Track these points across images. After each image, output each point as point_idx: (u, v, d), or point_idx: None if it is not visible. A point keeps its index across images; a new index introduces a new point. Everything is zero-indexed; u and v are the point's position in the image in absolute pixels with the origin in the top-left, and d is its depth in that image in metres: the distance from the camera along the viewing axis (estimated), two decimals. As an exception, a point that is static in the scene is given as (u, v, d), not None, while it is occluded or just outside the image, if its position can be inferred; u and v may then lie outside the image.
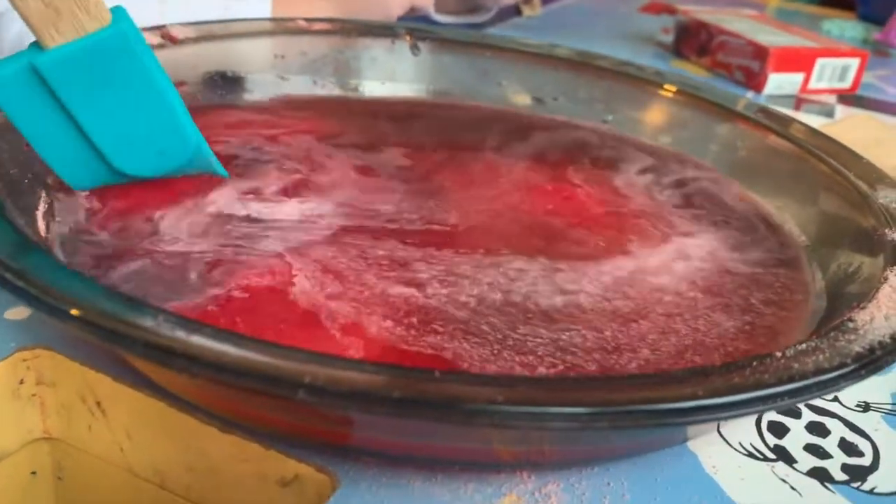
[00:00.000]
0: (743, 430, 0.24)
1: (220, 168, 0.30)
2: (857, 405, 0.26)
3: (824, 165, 0.33)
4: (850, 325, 0.20)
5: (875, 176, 0.32)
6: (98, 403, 0.23)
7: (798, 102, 0.64)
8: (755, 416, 0.24)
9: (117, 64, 0.25)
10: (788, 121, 0.38)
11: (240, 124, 0.37)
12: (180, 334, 0.16)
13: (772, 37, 0.66)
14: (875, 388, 0.27)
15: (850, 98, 0.66)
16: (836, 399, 0.26)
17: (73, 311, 0.17)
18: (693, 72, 0.68)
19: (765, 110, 0.39)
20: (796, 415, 0.25)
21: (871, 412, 0.26)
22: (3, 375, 0.23)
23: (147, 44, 0.26)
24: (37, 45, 0.24)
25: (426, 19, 0.75)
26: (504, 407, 0.15)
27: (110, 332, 0.16)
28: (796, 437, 0.24)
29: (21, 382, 0.24)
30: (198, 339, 0.16)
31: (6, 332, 0.24)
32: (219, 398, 0.20)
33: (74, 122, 0.25)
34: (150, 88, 0.26)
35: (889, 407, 0.26)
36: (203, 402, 0.21)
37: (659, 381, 0.17)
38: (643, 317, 0.25)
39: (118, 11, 0.25)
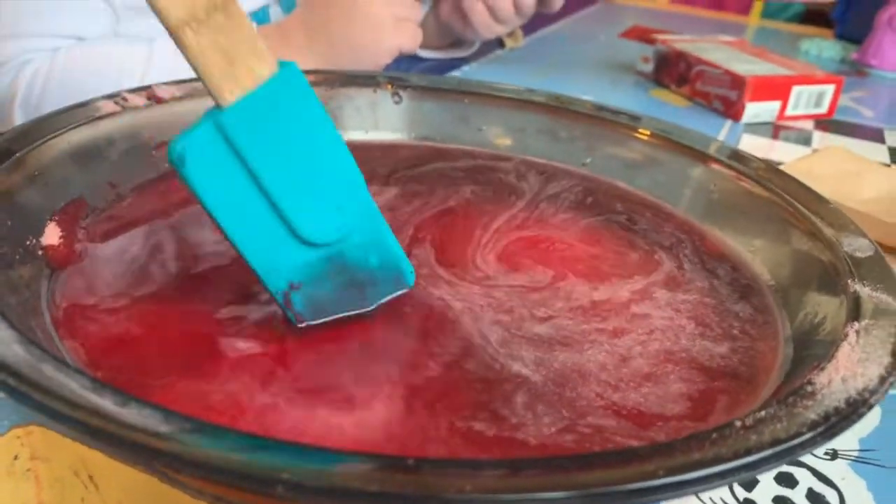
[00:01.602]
0: (713, 485, 0.25)
1: (406, 262, 0.28)
2: (826, 453, 0.27)
3: (793, 210, 0.34)
4: (809, 388, 0.21)
5: (841, 222, 0.33)
6: (90, 477, 0.24)
7: (776, 130, 0.65)
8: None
9: (296, 106, 0.23)
10: (759, 163, 0.39)
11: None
12: (164, 429, 0.17)
13: (749, 65, 0.68)
14: (843, 435, 0.28)
15: (826, 123, 0.68)
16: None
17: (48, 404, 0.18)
18: (673, 101, 0.69)
19: (736, 153, 0.40)
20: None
21: (838, 460, 0.27)
22: (-2, 453, 0.24)
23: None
24: (212, 109, 0.23)
25: (414, 57, 0.76)
26: (474, 495, 0.16)
27: (88, 430, 0.17)
28: (765, 490, 0.25)
29: (15, 458, 0.25)
30: (180, 436, 0.17)
31: (1, 410, 0.25)
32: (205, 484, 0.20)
33: (260, 187, 0.23)
34: (326, 130, 0.24)
35: (856, 454, 0.27)
36: (191, 483, 0.22)
37: (622, 459, 0.18)
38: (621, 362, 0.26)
39: (284, 64, 0.23)
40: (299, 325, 0.26)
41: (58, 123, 0.34)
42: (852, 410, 0.20)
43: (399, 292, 0.28)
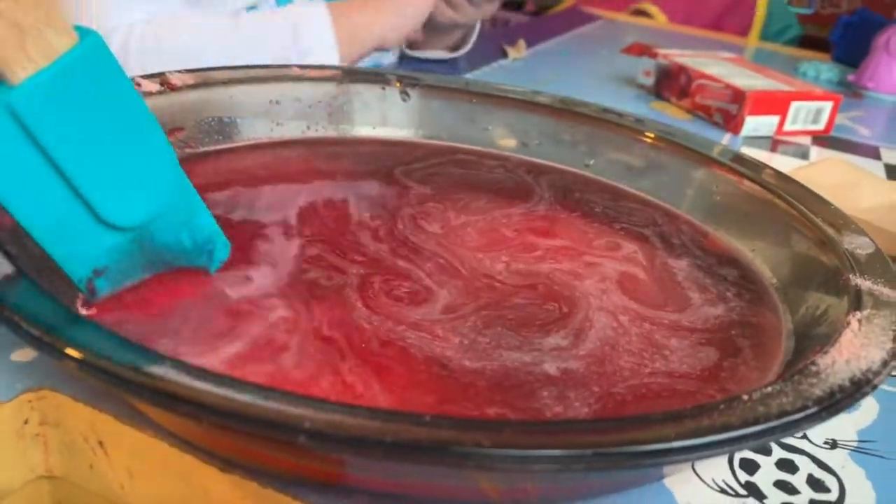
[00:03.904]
0: (716, 467, 0.25)
1: (219, 233, 0.27)
2: (825, 442, 0.27)
3: (794, 211, 0.35)
4: (813, 368, 0.22)
5: (841, 222, 0.33)
6: (100, 443, 0.24)
7: (774, 144, 0.66)
8: (727, 454, 0.25)
9: (99, 81, 0.21)
10: (761, 167, 0.39)
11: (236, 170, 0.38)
12: (184, 379, 0.18)
13: (749, 80, 0.69)
14: (842, 425, 0.28)
15: (824, 140, 0.69)
16: (805, 437, 0.27)
17: (74, 354, 0.18)
18: (673, 113, 0.70)
19: (739, 157, 0.41)
20: (767, 452, 0.26)
21: (838, 449, 0.27)
22: (8, 416, 0.24)
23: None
24: (2, 87, 0.20)
25: (405, 56, 0.77)
26: (490, 451, 0.16)
27: (112, 376, 0.17)
28: (767, 474, 0.25)
29: (25, 422, 0.25)
30: (201, 385, 0.17)
31: (13, 374, 0.25)
32: (219, 439, 0.21)
33: (57, 169, 0.21)
34: (132, 104, 0.23)
35: (855, 444, 0.27)
36: (203, 442, 0.22)
37: (636, 423, 0.18)
38: (629, 355, 0.26)
39: (79, 28, 0.21)
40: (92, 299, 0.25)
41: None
42: (856, 389, 0.21)
43: (216, 265, 0.27)
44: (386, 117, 0.46)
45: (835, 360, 0.22)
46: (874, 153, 0.67)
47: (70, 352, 0.18)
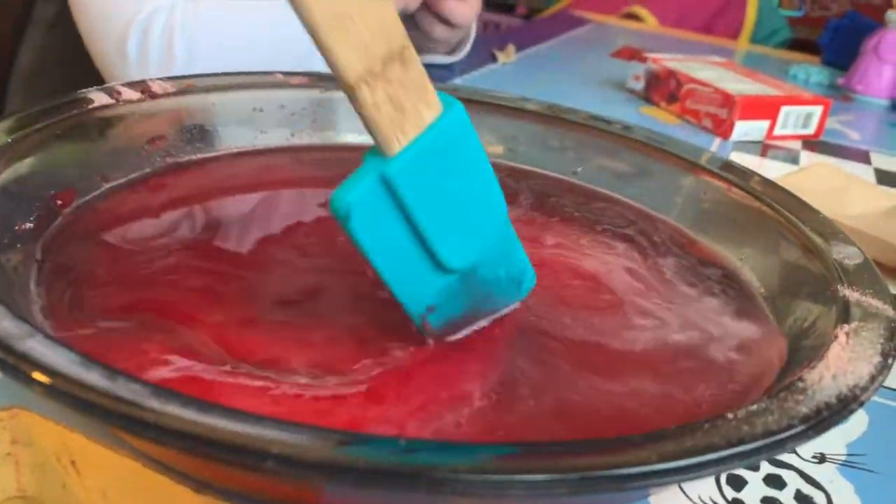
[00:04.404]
0: (702, 484, 0.25)
1: (525, 260, 0.28)
2: (814, 457, 0.27)
3: (783, 220, 0.35)
4: (800, 384, 0.21)
5: (830, 231, 0.33)
6: (73, 462, 0.24)
7: (764, 148, 0.66)
8: (712, 476, 0.25)
9: (455, 147, 0.23)
10: (749, 174, 0.39)
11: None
12: (152, 403, 0.17)
13: (738, 85, 0.68)
14: (830, 439, 0.28)
15: (814, 144, 0.69)
16: (793, 451, 0.27)
17: (39, 378, 0.18)
18: (663, 118, 0.70)
19: (727, 164, 0.40)
20: (754, 468, 0.26)
21: (826, 463, 0.27)
22: (-22, 436, 0.24)
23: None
24: (374, 154, 0.22)
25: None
26: (467, 476, 0.16)
27: (78, 401, 0.17)
28: (754, 490, 0.25)
29: (-4, 442, 0.24)
30: (168, 408, 0.17)
31: (-17, 393, 0.24)
32: (191, 460, 0.20)
33: (412, 226, 0.23)
34: (480, 163, 0.25)
35: (843, 458, 0.27)
36: (177, 463, 0.21)
37: (617, 445, 0.18)
38: (621, 369, 0.26)
39: (442, 96, 0.23)
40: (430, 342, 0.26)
41: (51, 113, 0.34)
42: (843, 406, 0.21)
43: (517, 301, 0.29)
44: (371, 124, 0.45)
45: (822, 375, 0.22)
46: (864, 157, 0.67)
47: (36, 377, 0.18)
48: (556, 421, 0.23)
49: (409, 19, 0.70)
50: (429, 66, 0.76)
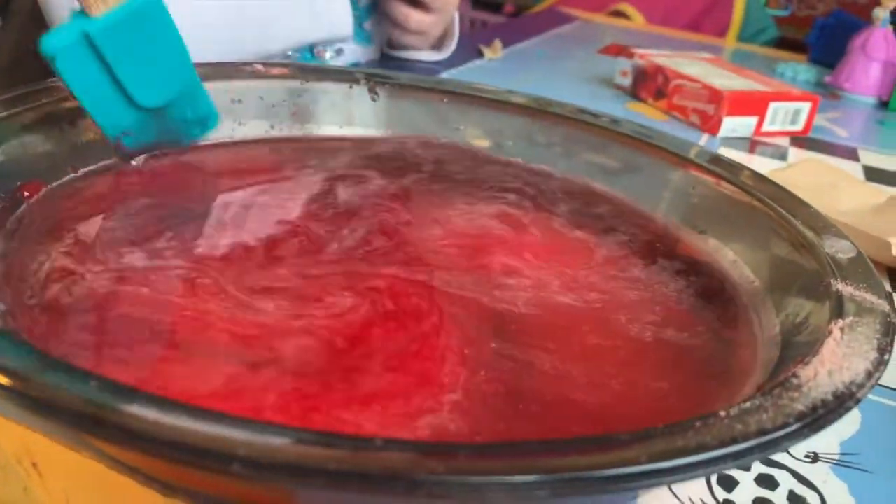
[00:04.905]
0: (692, 484, 0.24)
1: (211, 105, 0.37)
2: (806, 456, 0.26)
3: (774, 213, 0.34)
4: (794, 381, 0.21)
5: (822, 224, 0.32)
6: (34, 464, 0.23)
7: (752, 145, 0.65)
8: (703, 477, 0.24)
9: (150, 19, 0.32)
10: (739, 168, 0.38)
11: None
12: (114, 403, 0.16)
13: (726, 81, 0.68)
14: (823, 437, 0.27)
15: (802, 140, 0.68)
16: (786, 450, 0.26)
17: None
18: (650, 114, 0.69)
19: (716, 157, 0.39)
20: (746, 467, 0.25)
21: (819, 463, 0.26)
22: (-66, 437, 0.22)
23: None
24: (81, 15, 0.30)
25: (388, 56, 0.75)
26: (445, 478, 0.15)
27: (36, 402, 0.16)
28: (745, 491, 0.24)
29: (-46, 444, 0.23)
30: (130, 408, 0.16)
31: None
32: (156, 464, 0.19)
33: (109, 71, 0.31)
34: (170, 34, 0.33)
35: (837, 457, 0.26)
36: (142, 464, 0.20)
37: (602, 444, 0.17)
38: (600, 359, 0.25)
39: None
40: (130, 159, 0.35)
41: (21, 102, 0.32)
42: (839, 403, 0.20)
43: (206, 133, 0.38)
44: (353, 116, 0.44)
45: (817, 371, 0.21)
46: (852, 154, 0.67)
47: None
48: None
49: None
50: (415, 63, 0.75)
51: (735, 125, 0.65)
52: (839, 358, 0.22)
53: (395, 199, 0.36)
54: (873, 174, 0.61)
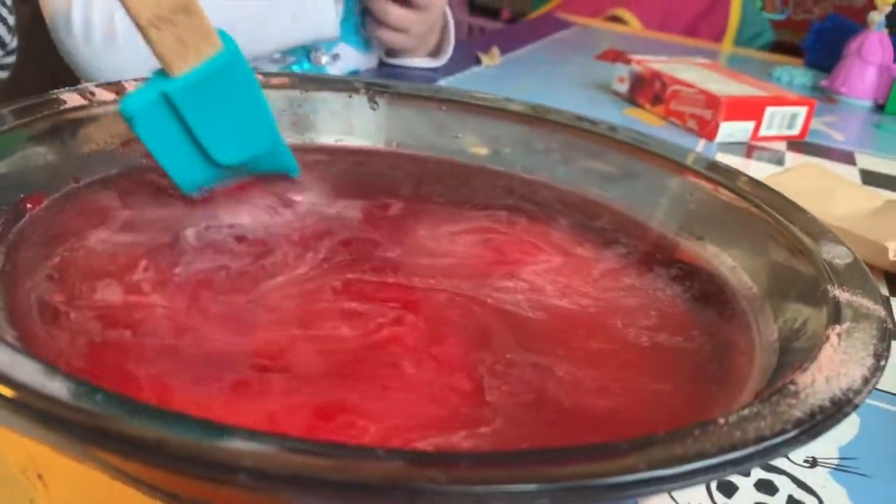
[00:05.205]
0: (692, 490, 0.24)
1: (292, 161, 0.36)
2: (805, 461, 0.26)
3: (771, 219, 0.34)
4: (792, 388, 0.21)
5: (818, 230, 0.33)
6: (40, 476, 0.23)
7: (749, 150, 0.65)
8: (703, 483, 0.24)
9: (230, 79, 0.31)
10: (736, 174, 0.38)
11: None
12: (119, 414, 0.16)
13: (723, 86, 0.68)
14: (822, 443, 0.27)
15: (799, 145, 0.68)
16: (785, 456, 0.26)
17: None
18: (647, 120, 0.70)
19: (713, 164, 0.40)
20: (745, 473, 0.25)
21: (818, 468, 0.26)
22: (-60, 449, 0.23)
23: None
24: (161, 73, 0.29)
25: (386, 65, 0.76)
26: (446, 487, 0.15)
27: (42, 414, 0.16)
28: (745, 496, 0.24)
29: (-41, 456, 0.23)
30: (135, 420, 0.16)
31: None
32: (161, 475, 0.19)
33: (188, 129, 0.30)
34: (252, 93, 0.32)
35: (836, 462, 0.27)
36: (146, 475, 0.20)
37: (602, 453, 0.17)
38: (602, 365, 0.25)
39: (223, 34, 0.31)
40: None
41: (22, 114, 0.33)
42: (837, 409, 0.20)
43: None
44: (353, 126, 0.45)
45: (814, 377, 0.21)
46: (849, 158, 0.67)
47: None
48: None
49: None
50: (413, 70, 0.76)
51: (732, 130, 0.65)
52: (836, 364, 0.22)
53: (386, 216, 0.37)
54: (870, 178, 0.62)
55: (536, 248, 0.35)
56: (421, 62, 0.76)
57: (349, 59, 0.70)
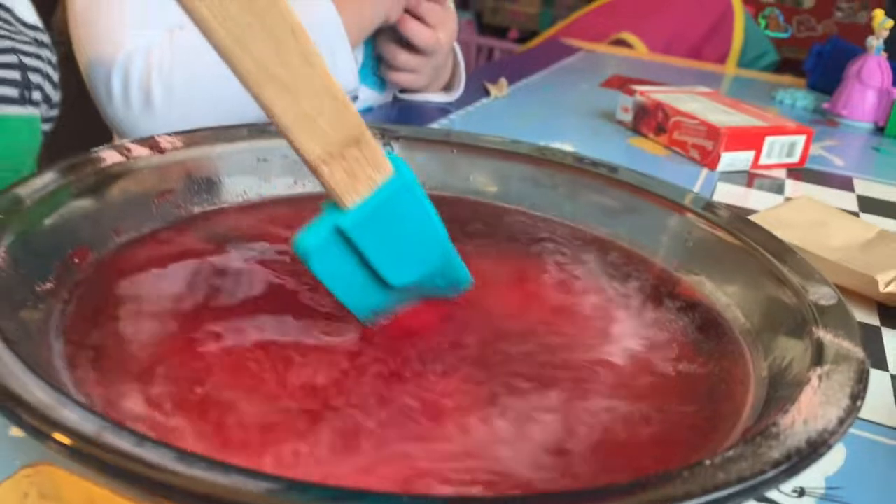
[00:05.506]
0: (688, 521, 0.26)
1: (465, 272, 0.34)
2: (794, 490, 0.29)
3: (763, 259, 0.36)
4: (774, 430, 0.23)
5: (807, 271, 0.35)
6: (98, 515, 0.25)
7: (750, 178, 0.68)
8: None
9: (402, 202, 0.29)
10: (731, 215, 0.41)
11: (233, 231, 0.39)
12: (179, 467, 0.19)
13: (724, 116, 0.70)
14: (809, 473, 0.30)
15: (798, 172, 0.71)
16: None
17: (60, 440, 0.19)
18: (651, 149, 0.72)
19: (709, 204, 0.42)
20: (737, 504, 0.27)
21: (806, 497, 0.28)
22: (8, 492, 0.25)
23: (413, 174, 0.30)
24: (332, 205, 0.28)
25: (400, 100, 0.78)
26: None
27: (97, 461, 0.19)
28: (736, 526, 0.26)
29: (25, 496, 0.26)
30: (188, 471, 0.19)
31: (11, 450, 0.26)
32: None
33: (361, 257, 0.29)
34: (423, 210, 0.30)
35: (823, 491, 0.29)
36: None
37: (600, 495, 0.20)
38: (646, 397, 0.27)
39: (393, 157, 0.29)
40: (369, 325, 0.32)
41: (66, 173, 0.35)
42: (812, 450, 0.22)
43: (458, 295, 0.34)
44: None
45: (794, 420, 0.24)
46: (847, 185, 0.69)
47: (57, 437, 0.19)
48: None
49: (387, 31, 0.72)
50: (427, 105, 0.79)
51: (733, 159, 0.68)
52: (815, 406, 0.24)
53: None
54: (868, 204, 0.64)
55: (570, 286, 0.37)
56: (434, 97, 0.79)
57: (366, 98, 0.74)
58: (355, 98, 0.71)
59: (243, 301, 0.33)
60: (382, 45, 0.72)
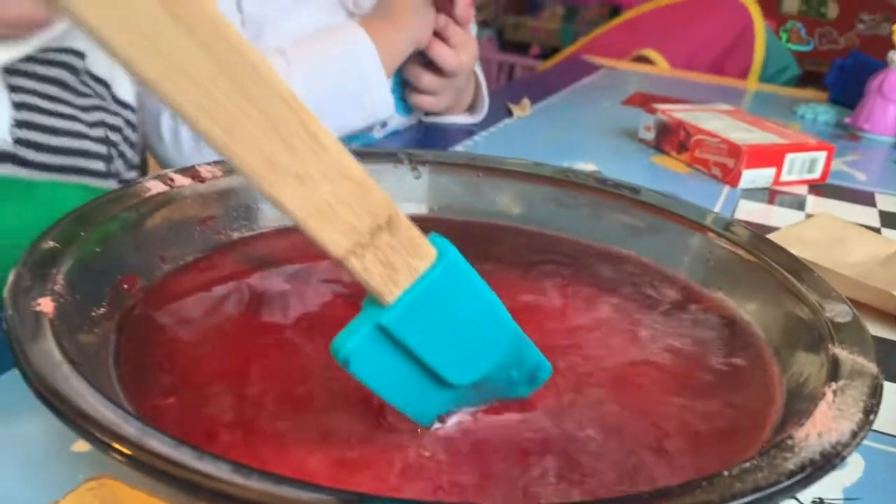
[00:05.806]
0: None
1: (542, 359, 0.30)
2: (813, 501, 0.30)
3: (781, 278, 0.38)
4: (789, 442, 0.24)
5: (824, 289, 0.36)
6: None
7: (772, 195, 0.69)
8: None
9: (451, 287, 0.25)
10: (750, 235, 0.42)
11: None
12: (236, 478, 0.20)
13: (744, 134, 0.72)
14: (828, 483, 0.31)
15: (820, 188, 0.72)
16: (793, 497, 0.30)
17: (124, 450, 0.21)
18: (674, 167, 0.73)
19: (729, 224, 0.43)
20: (756, 514, 0.29)
21: (824, 508, 0.29)
22: (73, 503, 0.27)
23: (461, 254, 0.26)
24: (371, 301, 0.25)
25: (423, 123, 0.81)
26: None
27: (161, 473, 0.20)
28: (757, 535, 0.28)
29: (88, 508, 0.28)
30: (248, 483, 0.20)
31: (74, 464, 0.28)
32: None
33: (412, 356, 0.25)
34: (477, 293, 0.26)
35: (841, 502, 0.30)
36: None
37: (625, 502, 0.21)
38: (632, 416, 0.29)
39: (434, 239, 0.26)
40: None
41: (115, 203, 0.38)
42: (826, 461, 0.23)
43: (537, 387, 0.30)
44: (398, 192, 0.49)
45: (809, 433, 0.25)
46: (870, 200, 0.70)
47: (118, 447, 0.21)
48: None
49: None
50: (452, 126, 0.81)
51: (754, 177, 0.69)
52: (829, 420, 0.26)
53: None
54: (890, 220, 0.65)
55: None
56: (459, 119, 0.81)
57: (393, 122, 0.76)
58: (385, 124, 0.73)
59: (291, 320, 0.35)
60: (406, 69, 0.74)
